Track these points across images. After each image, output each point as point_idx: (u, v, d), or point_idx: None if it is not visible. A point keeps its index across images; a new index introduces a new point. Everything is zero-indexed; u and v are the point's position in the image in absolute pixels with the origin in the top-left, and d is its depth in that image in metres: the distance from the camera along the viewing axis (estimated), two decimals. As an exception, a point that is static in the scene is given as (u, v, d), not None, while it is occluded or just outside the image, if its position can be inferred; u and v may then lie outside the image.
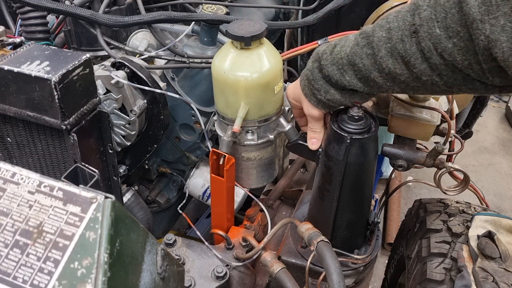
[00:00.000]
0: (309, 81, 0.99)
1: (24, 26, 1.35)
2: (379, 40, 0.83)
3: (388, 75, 0.85)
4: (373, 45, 0.85)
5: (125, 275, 0.58)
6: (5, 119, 1.06)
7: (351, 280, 1.25)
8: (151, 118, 1.31)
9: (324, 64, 0.94)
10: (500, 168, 3.13)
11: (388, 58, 0.83)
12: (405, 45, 0.80)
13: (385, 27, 0.83)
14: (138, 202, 1.45)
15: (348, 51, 0.89)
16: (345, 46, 0.91)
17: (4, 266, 0.56)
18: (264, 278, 1.28)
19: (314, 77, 0.97)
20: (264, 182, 1.29)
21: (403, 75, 0.83)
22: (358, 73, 0.89)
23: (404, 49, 0.80)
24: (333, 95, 0.97)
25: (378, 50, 0.84)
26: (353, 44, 0.89)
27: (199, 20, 1.34)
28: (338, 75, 0.92)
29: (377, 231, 1.26)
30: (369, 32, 0.86)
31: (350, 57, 0.89)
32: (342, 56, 0.90)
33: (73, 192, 0.58)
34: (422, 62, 0.79)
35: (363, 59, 0.87)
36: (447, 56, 0.75)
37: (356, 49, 0.88)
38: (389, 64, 0.83)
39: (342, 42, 0.93)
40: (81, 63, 1.00)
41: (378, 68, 0.85)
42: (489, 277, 1.04)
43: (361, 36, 0.88)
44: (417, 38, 0.78)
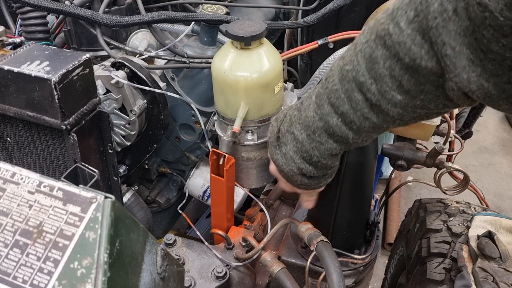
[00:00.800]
0: None
1: (24, 26, 1.34)
2: (339, 126, 0.82)
3: (363, 142, 0.85)
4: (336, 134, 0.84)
5: (125, 275, 0.58)
6: (5, 119, 1.06)
7: (351, 280, 1.25)
8: (151, 118, 1.31)
9: None
10: (500, 168, 3.13)
11: (358, 136, 0.82)
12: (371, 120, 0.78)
13: (337, 112, 0.81)
14: (138, 202, 1.45)
15: (318, 154, 0.89)
16: (310, 149, 0.89)
17: (4, 266, 0.56)
18: (264, 278, 1.28)
19: None
20: (264, 182, 1.29)
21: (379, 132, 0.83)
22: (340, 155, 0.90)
23: (370, 123, 0.79)
24: None
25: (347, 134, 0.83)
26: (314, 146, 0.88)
27: (199, 20, 1.34)
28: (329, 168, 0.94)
29: (377, 231, 1.26)
30: (321, 125, 0.84)
31: (327, 155, 0.88)
32: None
33: (73, 192, 0.58)
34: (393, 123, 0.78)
35: None
36: None
37: (324, 148, 0.87)
38: (362, 139, 0.84)
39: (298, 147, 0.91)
40: (81, 63, 1.00)
41: (354, 144, 0.85)
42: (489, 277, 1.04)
43: (318, 134, 0.86)
44: (381, 109, 0.75)
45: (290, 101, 1.22)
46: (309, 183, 0.95)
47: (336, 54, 1.29)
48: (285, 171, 0.95)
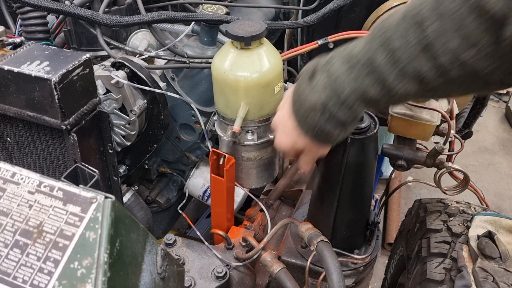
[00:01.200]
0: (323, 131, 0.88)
1: (24, 26, 1.34)
2: (384, 64, 0.76)
3: (400, 95, 0.77)
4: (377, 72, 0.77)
5: (125, 275, 0.58)
6: (5, 119, 1.06)
7: (351, 280, 1.25)
8: (151, 118, 1.31)
9: (334, 111, 0.84)
10: (500, 168, 3.13)
11: (399, 81, 0.75)
12: (419, 63, 0.72)
13: (386, 48, 0.75)
14: (138, 202, 1.45)
15: (348, 91, 0.81)
16: (342, 87, 0.81)
17: (4, 266, 0.56)
18: (264, 278, 1.28)
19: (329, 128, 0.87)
20: (264, 182, 1.29)
21: (417, 93, 0.77)
22: (370, 102, 0.81)
23: (418, 67, 0.73)
24: None
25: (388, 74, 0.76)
26: (350, 79, 0.80)
27: (199, 20, 1.34)
28: (349, 114, 0.83)
29: (377, 231, 1.26)
30: (365, 59, 0.78)
31: (357, 94, 0.80)
32: (345, 98, 0.81)
33: (73, 192, 0.58)
34: (438, 77, 0.72)
35: (371, 89, 0.79)
36: (467, 67, 0.69)
37: (359, 84, 0.79)
38: (401, 87, 0.76)
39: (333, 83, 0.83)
40: (81, 63, 1.00)
41: (388, 93, 0.78)
42: (489, 277, 1.04)
43: (358, 67, 0.79)
44: (431, 54, 0.71)
45: (290, 101, 1.22)
46: (323, 128, 0.87)
47: (336, 54, 1.29)
48: (305, 107, 0.87)
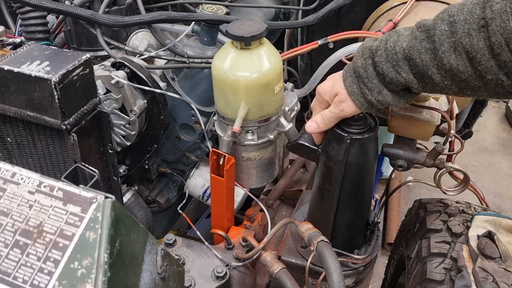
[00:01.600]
0: (361, 79, 0.90)
1: (24, 26, 1.34)
2: (441, 34, 0.77)
3: (447, 72, 0.79)
4: (434, 39, 0.78)
5: (125, 275, 0.58)
6: (5, 119, 1.06)
7: (351, 280, 1.25)
8: (151, 118, 1.31)
9: (379, 61, 0.87)
10: (500, 168, 3.13)
11: (451, 53, 0.77)
12: (472, 40, 0.73)
13: (447, 20, 0.77)
14: (138, 202, 1.45)
15: (405, 45, 0.83)
16: (399, 40, 0.84)
17: (4, 266, 0.56)
18: (264, 278, 1.28)
19: (368, 75, 0.89)
20: (264, 182, 1.29)
21: (466, 73, 0.77)
22: (414, 68, 0.83)
23: (471, 44, 0.73)
24: (386, 96, 0.90)
25: (440, 45, 0.77)
26: (410, 38, 0.82)
27: (199, 20, 1.34)
28: (393, 72, 0.85)
29: (377, 231, 1.26)
30: (429, 25, 0.80)
31: (407, 52, 0.82)
32: (397, 50, 0.84)
33: (73, 192, 0.58)
34: (489, 58, 0.73)
35: (421, 54, 0.81)
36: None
37: (414, 43, 0.81)
38: (451, 60, 0.77)
39: (393, 37, 0.86)
40: (81, 63, 1.00)
41: (437, 64, 0.79)
42: (489, 277, 1.04)
43: (420, 30, 0.81)
44: (487, 33, 0.72)
45: (290, 101, 1.22)
46: (361, 74, 0.90)
47: (336, 54, 1.29)
48: (360, 49, 0.91)
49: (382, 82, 0.89)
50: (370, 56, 0.89)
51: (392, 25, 1.36)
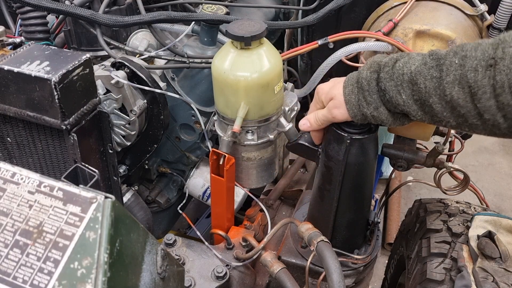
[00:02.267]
0: (362, 90, 0.91)
1: (24, 26, 1.34)
2: (451, 65, 0.79)
3: (448, 103, 0.80)
4: (442, 68, 0.80)
5: (125, 275, 0.58)
6: (5, 119, 1.06)
7: (351, 280, 1.25)
8: (151, 118, 1.31)
9: (384, 77, 0.88)
10: (500, 168, 3.13)
11: (455, 85, 0.78)
12: (477, 76, 0.75)
13: (459, 54, 0.79)
14: (138, 202, 1.45)
15: (413, 69, 0.84)
16: (409, 63, 0.85)
17: (4, 266, 0.56)
18: (264, 278, 1.28)
19: (369, 88, 0.90)
20: (264, 182, 1.29)
21: (465, 108, 0.78)
22: (417, 94, 0.84)
23: (475, 79, 0.75)
24: (381, 114, 0.91)
25: (446, 75, 0.79)
26: (420, 63, 0.84)
27: (199, 20, 1.34)
28: (394, 91, 0.86)
29: (377, 231, 1.26)
30: (442, 54, 0.82)
31: (413, 75, 0.84)
32: (405, 72, 0.85)
33: (73, 192, 0.58)
34: (489, 98, 0.75)
35: (426, 80, 0.82)
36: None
37: (422, 68, 0.83)
38: (453, 92, 0.78)
39: (405, 58, 0.87)
40: (81, 63, 1.00)
41: (440, 93, 0.81)
42: (489, 277, 1.04)
43: (431, 57, 0.83)
44: (493, 72, 0.73)
45: (290, 101, 1.22)
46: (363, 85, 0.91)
47: (336, 54, 1.29)
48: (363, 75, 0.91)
49: (381, 99, 0.90)
50: (376, 71, 0.89)
51: (392, 25, 1.36)
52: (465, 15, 1.43)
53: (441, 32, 1.32)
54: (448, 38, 1.32)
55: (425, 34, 1.34)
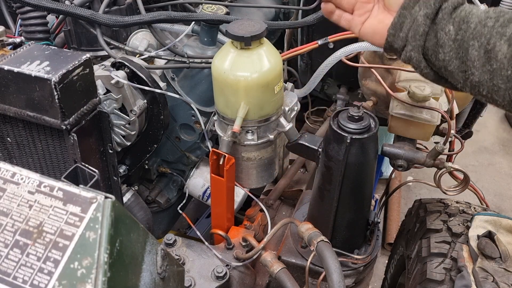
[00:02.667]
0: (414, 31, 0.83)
1: (24, 26, 1.34)
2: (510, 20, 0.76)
3: (486, 53, 0.77)
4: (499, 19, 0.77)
5: (125, 275, 0.58)
6: (5, 119, 1.06)
7: (351, 280, 1.25)
8: (151, 118, 1.31)
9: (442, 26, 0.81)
10: (500, 168, 3.13)
11: (503, 39, 0.75)
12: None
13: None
14: (138, 202, 1.45)
15: (474, 11, 0.80)
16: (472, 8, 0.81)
17: (4, 266, 0.56)
18: (264, 278, 1.28)
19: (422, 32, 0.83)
20: (264, 182, 1.29)
21: (500, 62, 0.76)
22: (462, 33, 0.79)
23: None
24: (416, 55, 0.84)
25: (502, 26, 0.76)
26: (481, 11, 0.80)
27: (199, 20, 1.34)
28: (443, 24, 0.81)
29: (377, 231, 1.26)
30: (505, 11, 0.79)
31: (469, 15, 0.80)
32: (466, 11, 0.81)
33: (73, 192, 0.58)
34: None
35: (479, 24, 0.78)
36: None
37: (480, 14, 0.79)
38: (498, 43, 0.76)
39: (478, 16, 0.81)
40: (81, 63, 0.99)
41: (484, 41, 0.77)
42: (489, 277, 1.04)
43: (494, 11, 0.79)
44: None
45: (290, 101, 1.22)
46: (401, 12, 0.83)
47: (336, 54, 1.29)
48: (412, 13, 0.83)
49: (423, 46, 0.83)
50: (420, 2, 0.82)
51: (392, 25, 1.36)
52: (465, 15, 1.43)
53: (441, 32, 1.32)
54: (448, 38, 1.31)
55: (425, 34, 1.34)
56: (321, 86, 1.96)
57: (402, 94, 1.21)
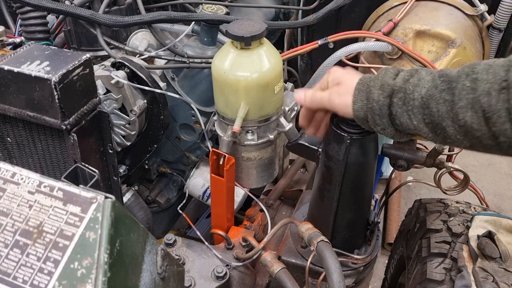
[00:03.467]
0: (372, 113, 0.88)
1: (24, 26, 1.34)
2: (463, 88, 0.77)
3: (461, 127, 0.78)
4: (454, 91, 0.78)
5: (125, 275, 0.58)
6: (5, 119, 1.06)
7: (351, 280, 1.25)
8: (151, 118, 1.31)
9: (396, 103, 0.85)
10: (500, 168, 3.13)
11: (468, 110, 0.76)
12: (491, 100, 0.73)
13: (470, 76, 0.77)
14: (138, 202, 1.45)
15: (423, 93, 0.82)
16: (419, 85, 0.83)
17: (4, 266, 0.56)
18: (264, 278, 1.28)
19: (381, 113, 0.87)
20: (264, 182, 1.29)
21: (479, 131, 0.77)
22: (428, 117, 0.82)
23: (489, 103, 0.73)
24: (388, 133, 0.89)
25: (459, 99, 0.77)
26: (430, 85, 0.81)
27: (199, 20, 1.34)
28: (405, 117, 0.84)
29: (377, 231, 1.26)
30: (453, 76, 0.80)
31: (425, 100, 0.81)
32: (415, 97, 0.82)
33: (73, 192, 0.58)
34: (505, 121, 0.73)
35: (438, 104, 0.80)
36: None
37: (433, 92, 0.80)
38: (466, 116, 0.76)
39: (415, 78, 0.85)
40: (81, 63, 1.00)
41: (453, 117, 0.78)
42: (489, 277, 1.04)
43: (442, 79, 0.81)
44: (507, 95, 0.72)
45: (290, 101, 1.22)
46: (372, 98, 0.88)
47: (336, 54, 1.29)
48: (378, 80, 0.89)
49: (391, 122, 0.88)
50: (389, 95, 0.86)
51: (392, 25, 1.36)
52: (465, 15, 1.43)
53: (441, 32, 1.32)
54: (448, 38, 1.32)
55: (425, 34, 1.34)
56: (321, 86, 1.96)
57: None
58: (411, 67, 1.32)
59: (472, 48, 1.35)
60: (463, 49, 1.33)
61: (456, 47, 1.32)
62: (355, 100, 0.90)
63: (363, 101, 0.89)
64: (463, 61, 1.35)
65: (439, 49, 1.34)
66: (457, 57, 1.33)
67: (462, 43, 1.31)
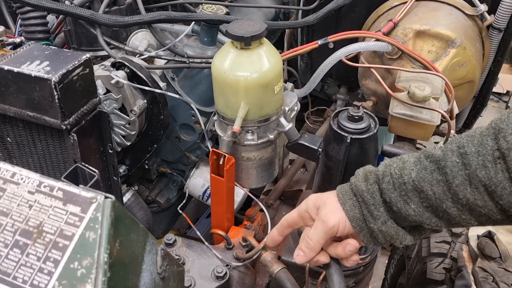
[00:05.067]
0: (366, 205, 0.80)
1: (24, 26, 1.34)
2: (453, 165, 0.72)
3: (464, 206, 0.72)
4: (446, 170, 0.73)
5: (125, 275, 0.58)
6: (5, 119, 1.06)
7: (351, 280, 1.25)
8: (151, 118, 1.31)
9: (386, 188, 0.78)
10: (500, 168, 3.13)
11: (466, 186, 0.71)
12: (489, 172, 0.68)
13: (456, 151, 0.72)
14: (138, 202, 1.45)
15: (414, 176, 0.75)
16: (405, 168, 0.77)
17: (4, 266, 0.56)
18: (264, 278, 1.28)
19: (375, 202, 0.79)
20: (264, 182, 1.29)
21: (485, 208, 0.71)
22: (426, 201, 0.75)
23: (488, 176, 0.68)
24: (390, 228, 0.80)
25: (453, 177, 0.72)
26: (419, 168, 0.76)
27: (199, 20, 1.34)
28: (401, 202, 0.77)
29: (377, 231, 1.26)
30: (439, 155, 0.74)
31: (417, 183, 0.75)
32: (406, 180, 0.76)
33: (73, 192, 0.58)
34: (511, 192, 0.68)
35: (433, 186, 0.74)
36: None
37: (424, 174, 0.75)
38: (467, 193, 0.71)
39: (397, 163, 0.79)
40: (81, 63, 1.00)
41: (452, 197, 0.73)
42: (489, 277, 1.05)
43: (428, 160, 0.75)
44: (504, 164, 0.67)
45: (290, 101, 1.22)
46: (363, 214, 0.81)
47: (336, 54, 1.30)
48: (359, 174, 0.83)
49: (388, 212, 0.80)
50: (376, 182, 0.80)
51: (392, 25, 1.36)
52: (465, 15, 1.43)
53: (441, 32, 1.32)
54: (448, 38, 1.32)
55: (425, 34, 1.34)
56: (321, 86, 1.96)
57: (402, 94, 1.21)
58: (411, 66, 1.32)
59: (472, 48, 1.35)
60: (463, 49, 1.33)
61: (456, 47, 1.32)
62: (343, 202, 0.83)
63: (352, 198, 0.82)
64: (463, 61, 1.35)
65: (439, 49, 1.34)
66: (457, 57, 1.33)
67: (462, 43, 1.32)
